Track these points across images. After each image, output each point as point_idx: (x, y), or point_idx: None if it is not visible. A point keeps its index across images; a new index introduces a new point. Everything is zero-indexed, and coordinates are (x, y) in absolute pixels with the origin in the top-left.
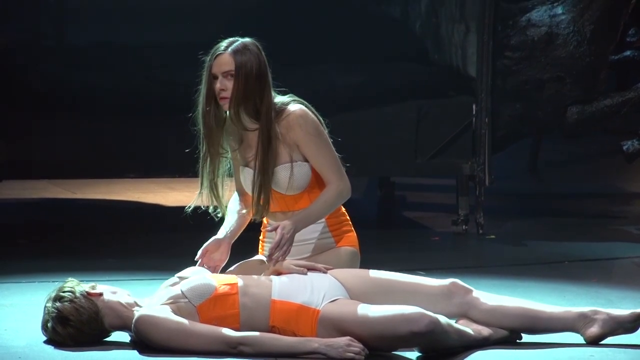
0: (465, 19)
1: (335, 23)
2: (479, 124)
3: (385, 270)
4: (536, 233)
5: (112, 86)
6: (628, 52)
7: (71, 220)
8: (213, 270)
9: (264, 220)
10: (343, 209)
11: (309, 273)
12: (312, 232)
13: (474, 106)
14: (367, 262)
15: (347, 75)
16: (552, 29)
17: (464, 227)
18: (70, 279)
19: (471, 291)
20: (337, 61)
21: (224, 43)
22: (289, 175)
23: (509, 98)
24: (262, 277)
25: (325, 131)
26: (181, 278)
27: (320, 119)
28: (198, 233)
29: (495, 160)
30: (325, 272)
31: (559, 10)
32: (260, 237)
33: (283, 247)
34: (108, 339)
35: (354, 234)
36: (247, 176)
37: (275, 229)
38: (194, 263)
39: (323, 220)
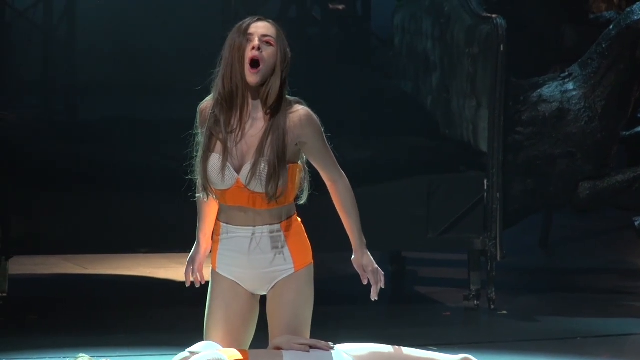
0: (477, 94)
1: (347, 98)
2: (491, 199)
3: (397, 345)
4: (548, 309)
5: (122, 160)
6: (639, 128)
7: (82, 296)
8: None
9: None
10: (296, 216)
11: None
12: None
13: (485, 181)
14: (378, 337)
15: (358, 150)
16: (563, 105)
17: (475, 302)
18: (81, 354)
19: None
20: (348, 135)
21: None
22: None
23: (521, 173)
24: (273, 352)
25: None
26: (192, 353)
27: None
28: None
29: (507, 235)
30: (327, 350)
31: (570, 86)
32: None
33: (378, 280)
34: None
35: (306, 241)
36: (215, 163)
37: (365, 275)
38: (202, 338)
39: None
